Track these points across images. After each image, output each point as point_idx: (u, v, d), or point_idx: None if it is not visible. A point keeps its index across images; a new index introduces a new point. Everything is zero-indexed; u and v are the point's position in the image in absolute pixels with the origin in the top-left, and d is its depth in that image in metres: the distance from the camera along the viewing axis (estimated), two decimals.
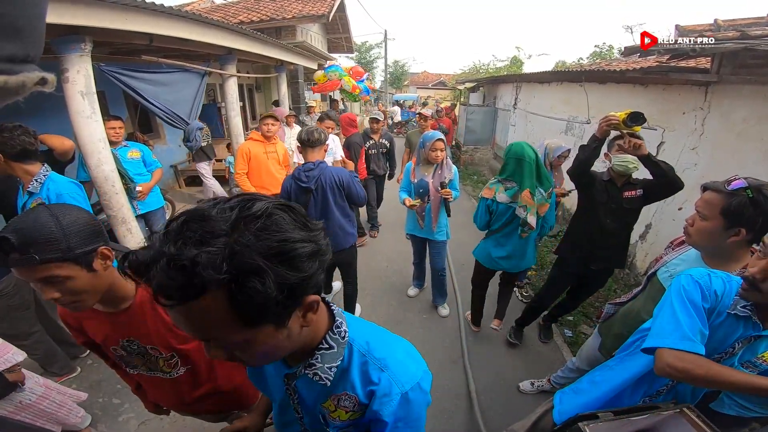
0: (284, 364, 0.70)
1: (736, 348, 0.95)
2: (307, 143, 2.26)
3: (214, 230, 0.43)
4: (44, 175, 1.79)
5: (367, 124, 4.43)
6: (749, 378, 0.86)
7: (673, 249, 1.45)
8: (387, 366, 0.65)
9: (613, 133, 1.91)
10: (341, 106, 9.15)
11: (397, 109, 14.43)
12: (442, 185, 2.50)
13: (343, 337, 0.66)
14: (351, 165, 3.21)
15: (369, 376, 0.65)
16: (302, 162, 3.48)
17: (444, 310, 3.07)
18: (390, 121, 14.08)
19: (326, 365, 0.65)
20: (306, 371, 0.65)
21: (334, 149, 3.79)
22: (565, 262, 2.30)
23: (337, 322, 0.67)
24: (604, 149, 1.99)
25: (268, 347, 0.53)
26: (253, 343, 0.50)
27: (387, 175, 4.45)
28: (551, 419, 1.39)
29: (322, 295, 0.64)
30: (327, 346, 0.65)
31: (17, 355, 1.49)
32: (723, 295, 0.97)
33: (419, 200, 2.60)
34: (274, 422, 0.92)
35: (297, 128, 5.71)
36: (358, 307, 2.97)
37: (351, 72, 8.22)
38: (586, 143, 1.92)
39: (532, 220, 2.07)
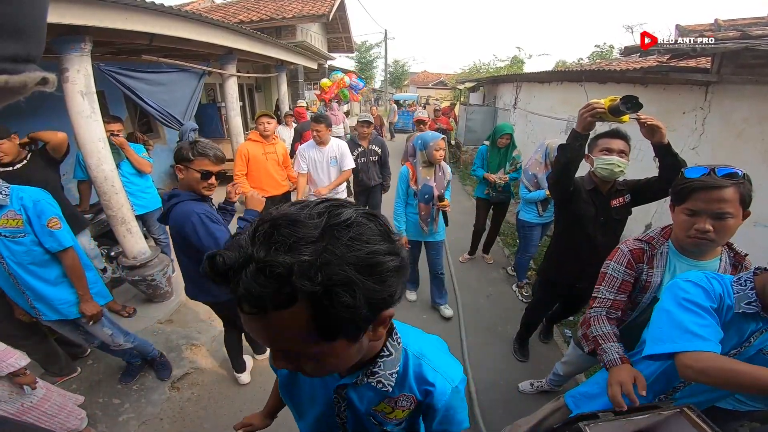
0: (335, 376, 0.69)
1: (752, 340, 0.97)
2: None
3: (304, 236, 0.41)
4: (6, 186, 1.62)
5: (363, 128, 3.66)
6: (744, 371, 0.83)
7: None
8: (439, 366, 0.70)
9: (598, 130, 1.71)
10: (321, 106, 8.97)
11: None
12: (440, 197, 2.52)
13: (399, 343, 0.68)
14: (234, 197, 1.98)
15: (425, 376, 0.68)
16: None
17: (447, 310, 3.03)
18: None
19: (387, 372, 0.66)
20: (368, 380, 0.65)
21: (339, 157, 3.17)
22: (550, 284, 2.12)
23: (395, 329, 0.68)
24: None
25: (338, 360, 0.51)
26: (326, 356, 0.49)
27: (382, 186, 3.84)
28: (557, 419, 1.38)
29: None
30: (387, 353, 0.66)
31: (21, 360, 1.47)
32: (724, 294, 0.98)
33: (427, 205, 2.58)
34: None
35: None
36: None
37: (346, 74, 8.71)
38: (565, 142, 1.62)
39: None
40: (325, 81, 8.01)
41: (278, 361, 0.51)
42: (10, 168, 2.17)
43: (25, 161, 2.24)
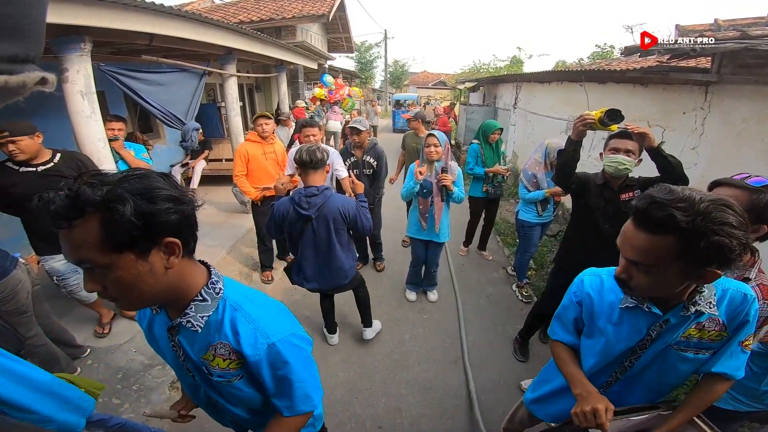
0: (168, 320, 0.80)
1: (654, 335, 0.96)
2: (309, 165, 1.92)
3: (103, 180, 0.59)
4: None
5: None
6: (563, 367, 1.13)
7: None
8: (255, 320, 0.78)
9: (605, 133, 1.82)
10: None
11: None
12: (444, 170, 2.62)
13: (218, 293, 0.78)
14: (360, 186, 2.24)
15: (237, 326, 0.77)
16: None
17: (433, 295, 3.23)
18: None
19: (198, 314, 0.76)
20: (181, 320, 0.76)
21: (338, 167, 3.10)
22: (564, 271, 2.20)
23: (213, 280, 0.78)
24: (601, 149, 1.95)
25: (131, 276, 0.62)
26: (118, 269, 0.61)
27: (374, 200, 3.41)
28: (525, 413, 1.44)
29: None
30: (201, 298, 0.76)
31: None
32: (602, 290, 1.06)
33: (426, 167, 2.64)
34: (182, 387, 1.04)
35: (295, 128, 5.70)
36: (376, 324, 2.72)
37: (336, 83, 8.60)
38: (563, 147, 1.87)
39: None
40: (319, 92, 7.94)
41: (87, 283, 0.63)
42: (33, 169, 2.00)
43: (51, 164, 2.05)
